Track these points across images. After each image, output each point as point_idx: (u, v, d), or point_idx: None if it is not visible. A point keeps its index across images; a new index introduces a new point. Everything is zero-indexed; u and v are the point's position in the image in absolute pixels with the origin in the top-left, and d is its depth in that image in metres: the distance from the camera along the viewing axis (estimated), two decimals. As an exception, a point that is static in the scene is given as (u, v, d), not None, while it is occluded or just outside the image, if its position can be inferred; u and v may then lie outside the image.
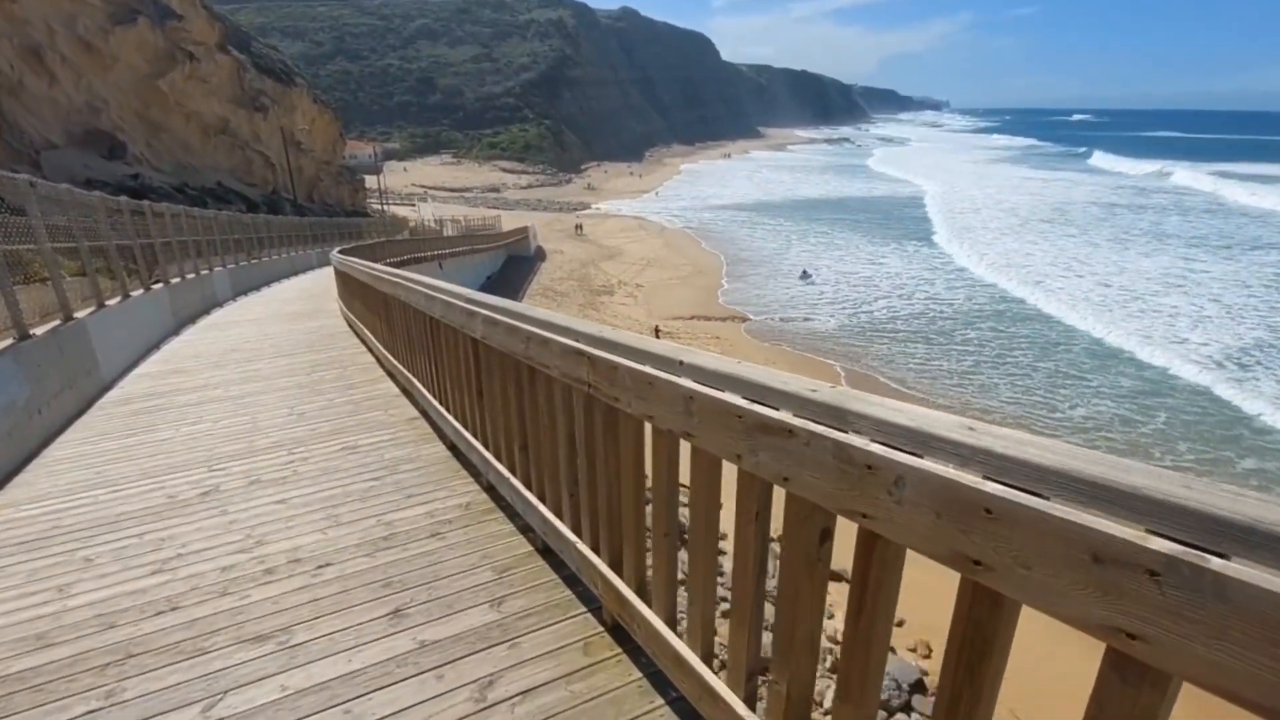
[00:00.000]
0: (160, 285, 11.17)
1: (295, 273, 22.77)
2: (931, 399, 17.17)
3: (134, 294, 9.63)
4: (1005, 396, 17.24)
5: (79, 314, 7.15)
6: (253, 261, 18.99)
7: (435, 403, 4.54)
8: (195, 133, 31.91)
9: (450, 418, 4.17)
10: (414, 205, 70.69)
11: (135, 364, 8.38)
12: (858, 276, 34.36)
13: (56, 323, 6.52)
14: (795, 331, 27.12)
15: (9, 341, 5.25)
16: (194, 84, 31.09)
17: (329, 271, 22.24)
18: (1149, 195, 65.07)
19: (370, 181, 58.24)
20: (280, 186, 38.13)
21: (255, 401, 5.98)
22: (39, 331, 5.87)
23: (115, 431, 5.37)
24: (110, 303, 8.43)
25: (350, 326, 9.97)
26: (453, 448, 4.37)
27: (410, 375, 5.32)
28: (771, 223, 58.08)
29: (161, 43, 28.45)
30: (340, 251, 13.27)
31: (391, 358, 6.18)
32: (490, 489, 3.68)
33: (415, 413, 5.30)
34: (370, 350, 7.79)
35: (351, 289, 8.87)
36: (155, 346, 9.65)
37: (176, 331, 11.01)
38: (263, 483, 4.04)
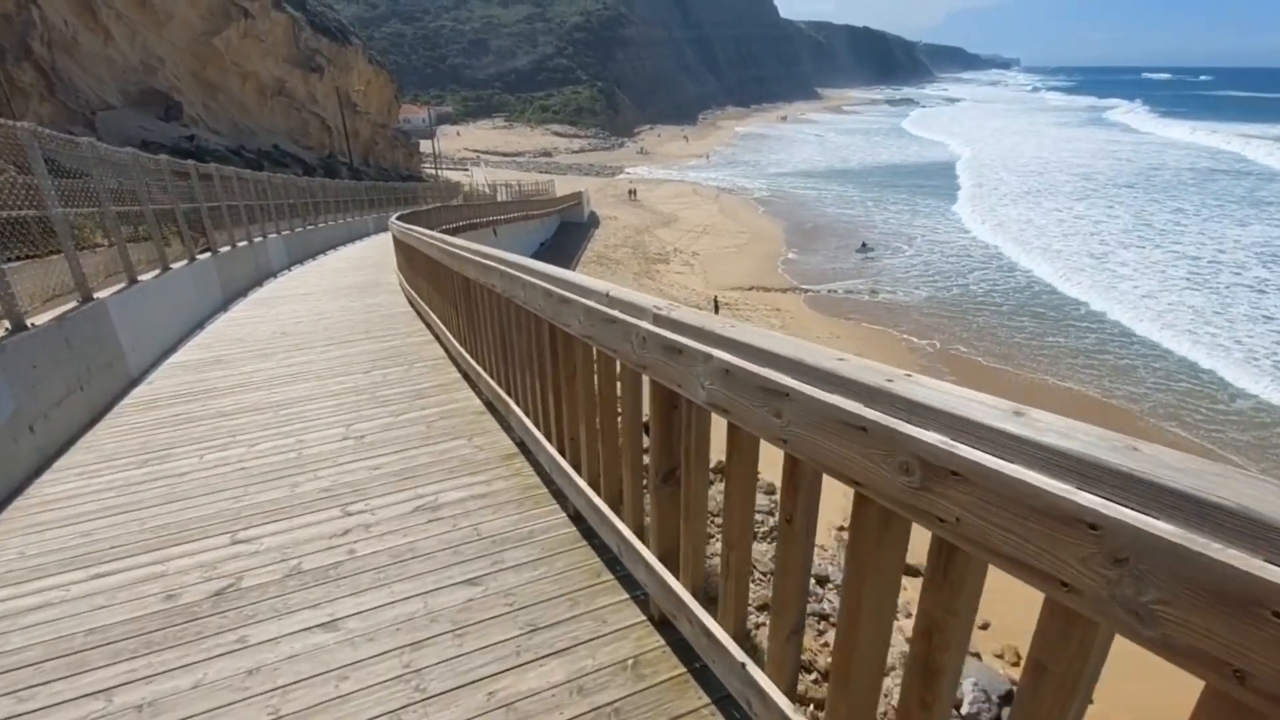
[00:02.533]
0: (207, 255, 10.11)
1: (352, 239, 21.86)
2: (1059, 382, 15.12)
3: (175, 266, 8.54)
4: (1149, 382, 14.89)
5: (101, 293, 5.99)
6: (309, 227, 18.05)
7: (551, 449, 3.08)
8: (251, 94, 31.21)
9: (583, 484, 2.69)
10: (467, 170, 69.94)
11: (174, 349, 7.26)
12: (952, 246, 31.65)
13: (70, 305, 5.35)
14: (868, 304, 25.31)
15: (-13, 338, 4.03)
16: (250, 43, 30.26)
17: (386, 238, 21.25)
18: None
19: (424, 146, 57.43)
20: (336, 149, 37.42)
21: (302, 414, 4.66)
22: (40, 320, 4.66)
23: (125, 456, 4.13)
24: (145, 278, 7.30)
25: (412, 304, 8.68)
26: (578, 519, 2.92)
27: (504, 394, 3.88)
28: (846, 190, 54.84)
29: (216, -2, 27.57)
30: (399, 218, 12.02)
31: (471, 359, 4.76)
32: (663, 623, 2.20)
33: (509, 444, 3.88)
34: (439, 340, 6.43)
35: (416, 264, 7.50)
36: (200, 325, 8.58)
37: (225, 307, 9.96)
38: (304, 575, 2.66)
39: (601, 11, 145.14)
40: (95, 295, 5.81)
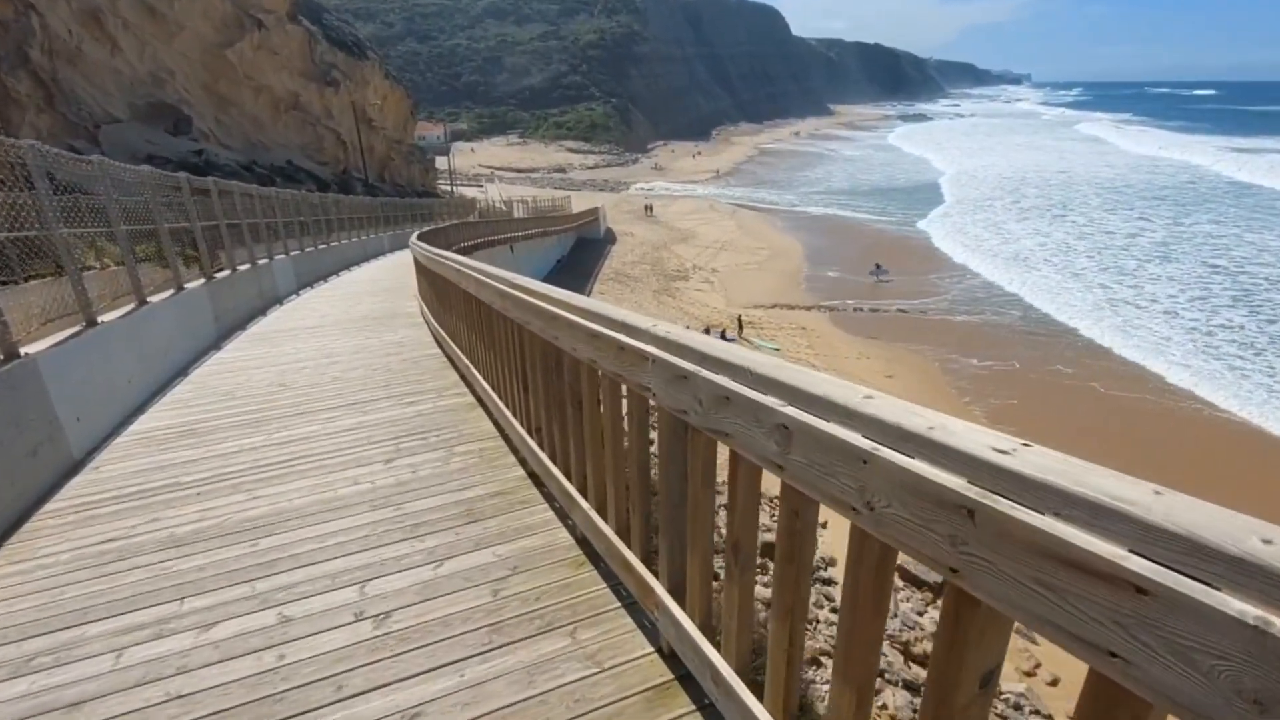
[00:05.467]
0: (200, 283, 8.61)
1: (367, 258, 20.49)
2: (1214, 412, 13.96)
3: (156, 298, 7.01)
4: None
5: (33, 346, 4.43)
6: (320, 247, 16.62)
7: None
8: (265, 108, 30.14)
9: None
10: (481, 186, 69.15)
11: (145, 406, 5.70)
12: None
13: (-21, 369, 3.80)
14: (896, 321, 24.66)
15: None
16: (264, 55, 29.23)
17: (402, 257, 19.83)
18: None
19: (439, 162, 56.61)
20: (351, 165, 36.32)
21: (293, 550, 3.03)
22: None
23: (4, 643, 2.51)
24: (109, 317, 5.77)
25: (439, 344, 7.12)
26: None
27: (632, 558, 2.23)
28: (880, 205, 53.85)
29: (229, 9, 26.54)
30: (420, 237, 10.53)
31: (551, 465, 3.13)
32: None
33: (648, 650, 2.20)
34: (482, 404, 4.83)
35: (449, 300, 5.92)
36: (184, 371, 7.02)
37: (219, 344, 8.43)
38: None
39: (615, 29, 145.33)
40: (22, 350, 4.25)
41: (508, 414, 3.94)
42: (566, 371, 2.57)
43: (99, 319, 5.55)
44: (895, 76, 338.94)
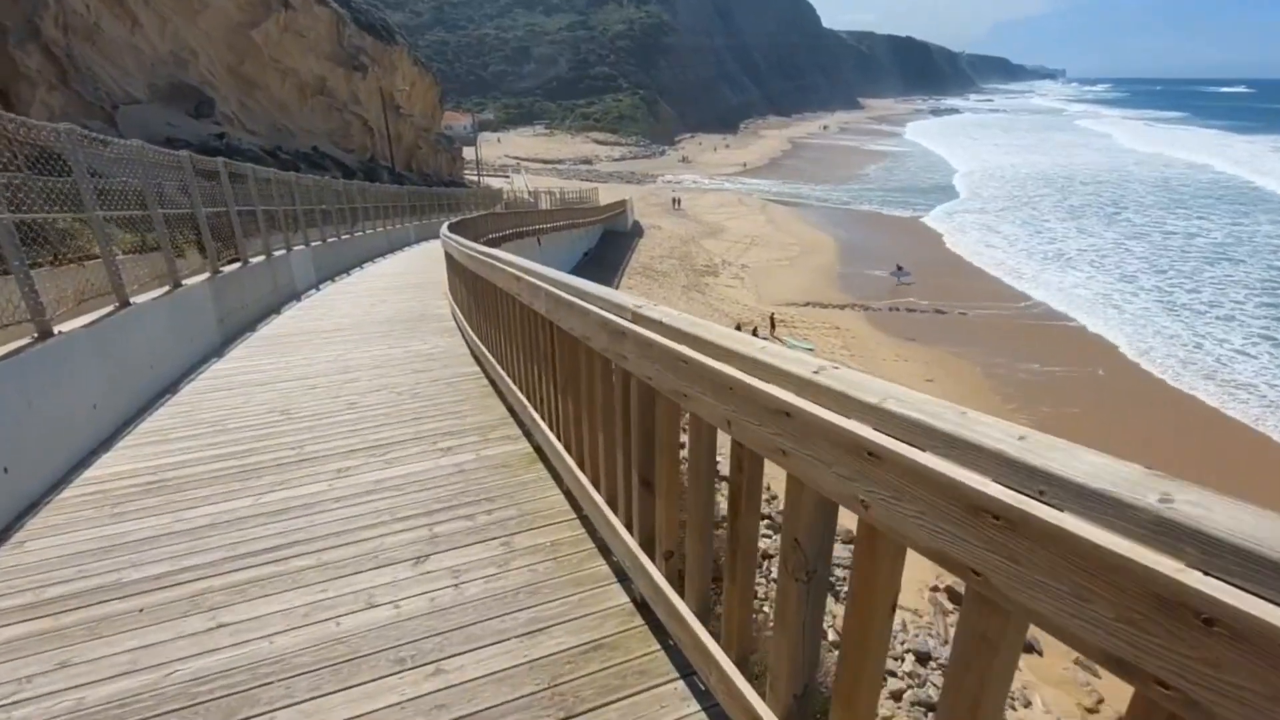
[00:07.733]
0: (203, 278, 7.45)
1: (392, 249, 19.41)
2: None
3: (143, 298, 5.85)
4: None
5: (-59, 373, 3.25)
6: (344, 237, 15.54)
7: None
8: (291, 92, 29.22)
9: None
10: (507, 177, 68.30)
11: (111, 440, 4.50)
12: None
13: None
14: (932, 323, 22.90)
15: None
16: (290, 37, 28.28)
17: (429, 248, 18.69)
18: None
19: (466, 153, 55.74)
20: (378, 153, 35.38)
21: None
22: None
23: None
24: (67, 327, 4.57)
25: (478, 362, 5.88)
26: None
27: None
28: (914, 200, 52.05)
29: (255, -13, 25.61)
30: (451, 229, 9.31)
31: (703, 636, 1.83)
32: None
33: None
34: (542, 456, 3.56)
35: (493, 311, 4.61)
36: (172, 387, 5.85)
37: (221, 350, 7.27)
38: None
39: (644, 19, 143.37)
40: (-78, 380, 3.06)
41: (596, 498, 2.64)
42: (800, 515, 1.25)
43: (56, 329, 4.37)
44: (927, 70, 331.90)
